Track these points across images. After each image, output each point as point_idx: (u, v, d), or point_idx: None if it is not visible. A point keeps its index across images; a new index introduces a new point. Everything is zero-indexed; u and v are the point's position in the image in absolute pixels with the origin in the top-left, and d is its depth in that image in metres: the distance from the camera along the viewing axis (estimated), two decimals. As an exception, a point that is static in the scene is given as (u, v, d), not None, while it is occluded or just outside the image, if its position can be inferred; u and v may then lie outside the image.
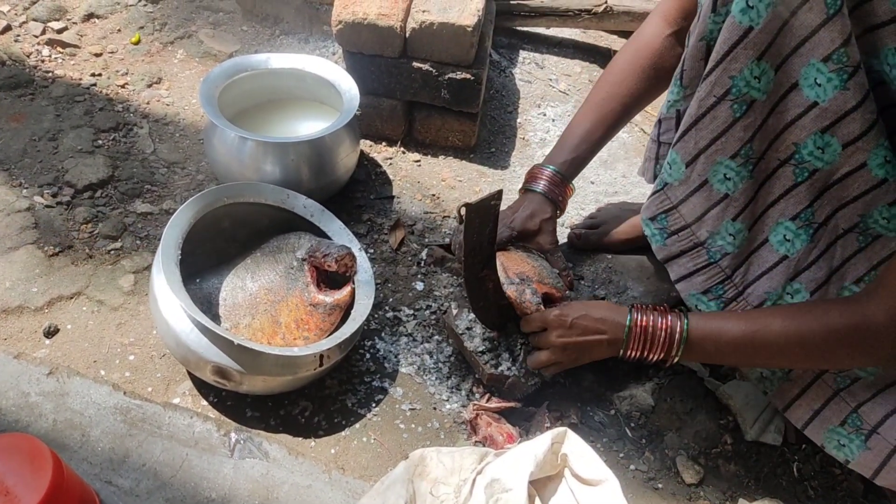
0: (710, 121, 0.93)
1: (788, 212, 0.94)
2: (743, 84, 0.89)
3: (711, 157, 0.96)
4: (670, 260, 1.07)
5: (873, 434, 0.92)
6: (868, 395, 0.94)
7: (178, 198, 1.40)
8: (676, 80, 1.02)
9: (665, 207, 1.05)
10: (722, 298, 1.03)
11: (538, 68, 1.80)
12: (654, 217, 1.07)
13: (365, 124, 1.54)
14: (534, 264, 1.17)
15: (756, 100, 0.90)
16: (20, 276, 1.24)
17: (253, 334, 1.10)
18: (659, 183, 1.05)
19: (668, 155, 1.02)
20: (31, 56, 1.64)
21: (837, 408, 0.96)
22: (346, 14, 1.38)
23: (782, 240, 0.96)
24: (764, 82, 0.88)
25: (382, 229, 1.40)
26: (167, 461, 0.94)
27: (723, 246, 1.01)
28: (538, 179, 1.19)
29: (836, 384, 0.96)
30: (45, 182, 1.38)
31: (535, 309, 1.09)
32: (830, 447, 0.98)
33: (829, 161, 0.88)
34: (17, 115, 1.51)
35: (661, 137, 1.14)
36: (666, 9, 1.12)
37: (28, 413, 0.97)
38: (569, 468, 0.83)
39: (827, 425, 0.97)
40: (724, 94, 0.91)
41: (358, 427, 1.12)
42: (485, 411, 1.11)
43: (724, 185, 0.96)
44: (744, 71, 0.88)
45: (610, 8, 1.76)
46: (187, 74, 1.67)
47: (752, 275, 1.01)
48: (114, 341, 1.18)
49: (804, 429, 1.00)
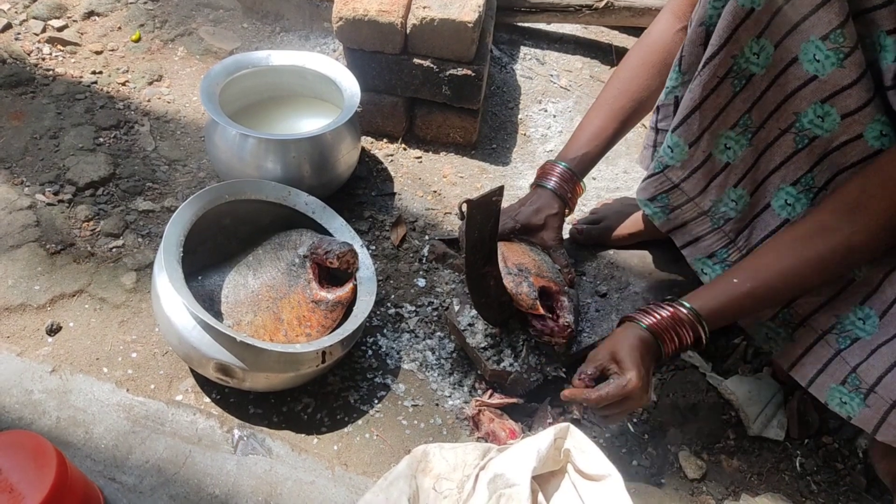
0: (713, 100, 0.97)
1: (789, 177, 0.99)
2: (743, 61, 0.93)
3: (715, 132, 1.00)
4: (674, 229, 1.11)
5: (871, 393, 0.94)
6: (864, 355, 0.96)
7: (180, 195, 1.40)
8: (675, 66, 1.04)
9: (665, 188, 1.08)
10: (727, 261, 1.07)
11: (539, 64, 1.80)
12: (653, 198, 1.10)
13: (366, 121, 1.54)
14: (534, 257, 1.17)
15: (755, 74, 0.94)
16: (22, 275, 1.24)
17: (255, 331, 1.10)
18: (657, 166, 1.07)
19: (668, 139, 1.04)
20: (32, 54, 1.63)
21: (838, 367, 0.98)
22: (347, 11, 1.38)
23: (784, 204, 1.00)
24: (763, 57, 0.92)
25: (384, 226, 1.40)
26: (170, 458, 0.94)
27: (725, 212, 1.05)
28: (549, 176, 1.19)
29: (837, 344, 0.99)
30: (47, 180, 1.39)
31: (531, 302, 1.09)
32: (833, 404, 0.99)
33: (829, 129, 0.92)
34: (18, 113, 1.51)
35: (658, 124, 1.15)
36: (676, 5, 1.14)
37: (31, 410, 0.98)
38: (572, 463, 0.83)
39: (829, 383, 1.00)
40: (725, 73, 0.95)
41: (360, 423, 1.12)
42: (487, 407, 1.11)
43: (725, 154, 1.01)
44: (744, 49, 0.92)
45: (611, 3, 1.75)
46: (188, 72, 1.67)
47: (755, 238, 1.05)
48: (116, 339, 1.18)
49: (809, 386, 1.02)
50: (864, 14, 0.85)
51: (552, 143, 1.60)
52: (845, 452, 1.16)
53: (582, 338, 1.18)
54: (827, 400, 1.00)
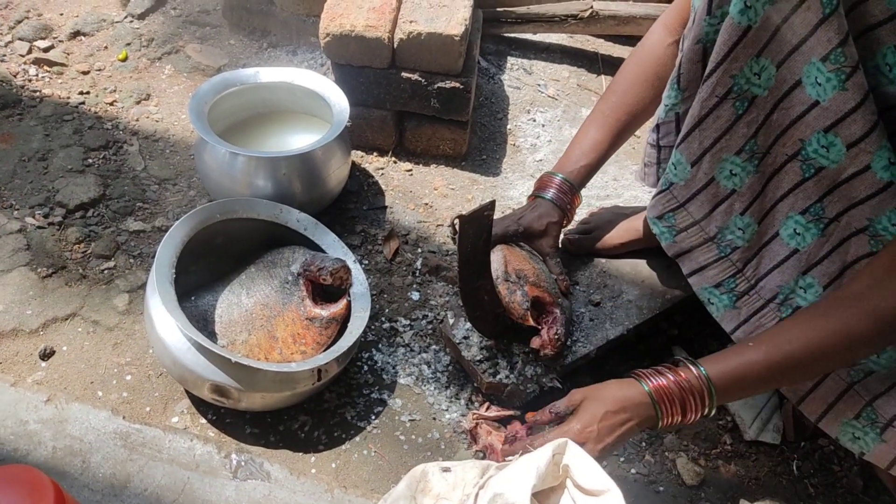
0: (714, 120, 0.95)
1: (798, 206, 0.95)
2: (744, 81, 0.91)
3: (717, 156, 0.98)
4: (681, 255, 1.09)
5: (889, 427, 0.92)
6: (882, 389, 0.94)
7: (171, 215, 1.40)
8: (673, 83, 1.03)
9: (672, 206, 1.07)
10: (734, 291, 1.04)
11: (526, 74, 1.81)
12: (662, 216, 1.09)
13: (356, 135, 1.54)
14: (534, 266, 1.17)
15: (757, 96, 0.92)
16: (14, 299, 1.23)
17: (250, 350, 1.10)
18: (664, 183, 1.07)
19: (672, 156, 1.04)
20: (18, 76, 1.63)
21: (852, 401, 0.96)
22: (334, 26, 1.38)
23: (793, 233, 0.96)
24: (765, 78, 0.90)
25: (376, 240, 1.40)
26: (169, 485, 0.94)
27: (732, 240, 1.03)
28: (548, 187, 1.20)
29: (849, 377, 0.96)
30: (36, 203, 1.38)
31: (522, 312, 1.09)
32: (845, 440, 0.98)
33: (835, 160, 0.88)
34: (6, 135, 1.50)
35: (660, 141, 1.15)
36: (668, 18, 1.14)
37: (27, 441, 0.97)
38: (571, 479, 0.83)
39: (841, 418, 0.97)
40: (725, 93, 0.93)
41: (358, 440, 1.12)
42: (484, 420, 1.11)
43: (731, 180, 0.98)
44: (744, 69, 0.90)
45: (596, 13, 1.76)
46: (176, 90, 1.67)
47: (763, 268, 1.01)
48: (110, 362, 1.17)
49: (818, 422, 1.00)
50: (867, 33, 0.83)
51: (541, 152, 1.61)
52: (841, 454, 1.16)
53: (577, 347, 1.18)
54: (838, 435, 0.98)
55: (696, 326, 1.31)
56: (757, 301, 1.03)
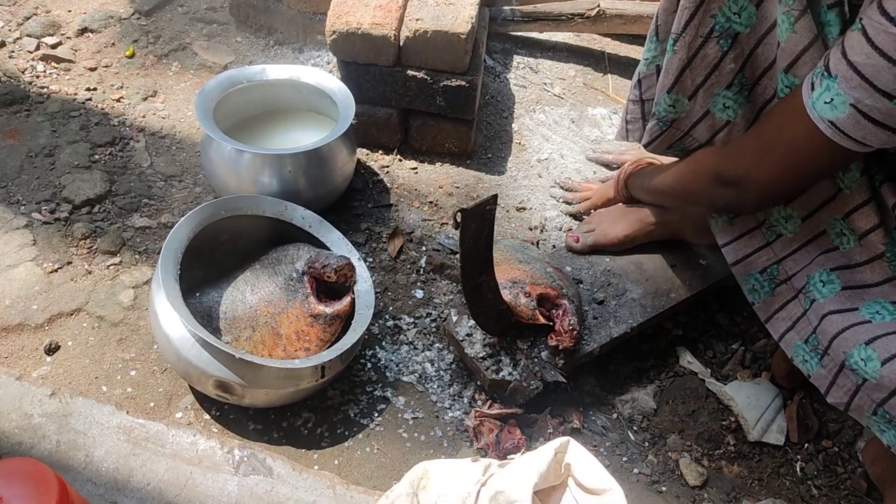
0: (701, 59, 1.00)
1: None
2: (724, 20, 0.96)
3: (709, 91, 1.03)
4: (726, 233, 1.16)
5: (825, 354, 0.96)
6: (823, 313, 0.98)
7: (176, 211, 1.40)
8: (652, 36, 1.08)
9: (677, 136, 1.11)
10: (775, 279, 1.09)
11: (532, 73, 1.80)
12: (671, 145, 1.14)
13: (361, 133, 1.54)
14: (524, 268, 1.17)
15: (740, 33, 0.97)
16: (20, 294, 1.24)
17: (254, 347, 1.10)
18: (662, 125, 1.10)
19: (665, 99, 1.07)
20: (26, 72, 1.64)
21: (804, 325, 1.01)
22: (340, 24, 1.38)
23: None
24: (745, 16, 0.95)
25: (381, 238, 1.40)
26: (172, 480, 0.94)
27: (777, 228, 1.08)
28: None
29: (803, 304, 1.02)
30: (43, 198, 1.39)
31: (531, 313, 1.09)
32: (797, 360, 1.02)
33: None
34: (13, 131, 1.51)
35: (643, 96, 1.17)
36: None
37: (31, 435, 0.97)
38: (572, 477, 0.83)
39: (795, 340, 1.03)
40: (708, 32, 0.98)
41: (361, 437, 1.12)
42: (487, 418, 1.11)
43: (725, 112, 1.04)
44: (722, 7, 0.95)
45: (602, 11, 1.76)
46: (182, 87, 1.67)
47: None
48: (115, 357, 1.18)
49: (780, 340, 1.06)
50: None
51: (547, 151, 1.60)
52: (845, 456, 1.16)
53: (581, 345, 1.18)
54: (793, 356, 1.03)
55: (701, 327, 1.31)
56: (790, 291, 1.06)
